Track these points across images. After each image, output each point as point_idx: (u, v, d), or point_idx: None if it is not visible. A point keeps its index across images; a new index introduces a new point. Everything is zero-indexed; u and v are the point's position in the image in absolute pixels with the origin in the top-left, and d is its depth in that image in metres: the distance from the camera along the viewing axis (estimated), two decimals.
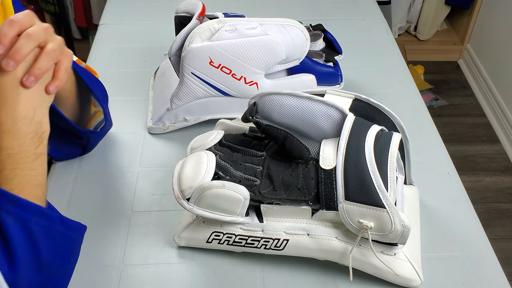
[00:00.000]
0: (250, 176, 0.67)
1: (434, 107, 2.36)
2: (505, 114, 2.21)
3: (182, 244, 0.74)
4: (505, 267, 0.74)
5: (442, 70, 2.60)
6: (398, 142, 0.66)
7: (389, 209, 0.62)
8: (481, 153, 2.15)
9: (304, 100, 0.68)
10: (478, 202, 1.92)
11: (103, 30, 1.23)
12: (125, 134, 0.94)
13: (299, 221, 0.68)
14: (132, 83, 1.05)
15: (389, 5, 2.35)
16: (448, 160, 0.90)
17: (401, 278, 0.67)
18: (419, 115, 1.00)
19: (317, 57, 0.95)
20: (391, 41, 1.22)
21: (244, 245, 0.71)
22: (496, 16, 2.34)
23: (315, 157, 0.67)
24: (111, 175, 0.86)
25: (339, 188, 0.63)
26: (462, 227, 0.78)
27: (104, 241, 0.76)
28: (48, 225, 0.55)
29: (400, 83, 1.08)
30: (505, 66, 2.26)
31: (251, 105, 0.70)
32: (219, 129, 0.77)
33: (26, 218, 0.53)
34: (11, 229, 0.52)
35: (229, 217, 0.67)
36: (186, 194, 0.66)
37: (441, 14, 2.59)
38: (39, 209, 0.55)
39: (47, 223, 0.55)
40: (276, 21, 0.88)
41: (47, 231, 0.55)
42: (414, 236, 0.71)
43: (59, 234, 0.57)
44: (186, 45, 0.84)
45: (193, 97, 0.89)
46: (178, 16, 0.92)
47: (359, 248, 0.67)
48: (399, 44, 1.26)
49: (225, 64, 0.85)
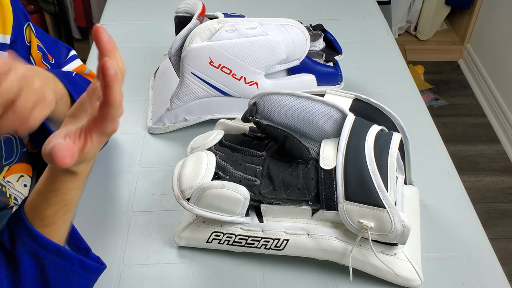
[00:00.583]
0: (250, 176, 0.67)
1: (434, 107, 2.36)
2: (505, 114, 2.21)
3: (182, 244, 0.74)
4: (505, 267, 0.74)
5: (442, 70, 2.60)
6: (398, 142, 0.66)
7: (389, 209, 0.62)
8: (481, 153, 2.15)
9: (304, 100, 0.68)
10: (478, 202, 1.92)
11: None
12: (125, 134, 0.94)
13: (299, 221, 0.68)
14: (132, 83, 1.05)
15: (389, 5, 2.34)
16: (448, 160, 0.90)
17: (401, 278, 0.67)
18: (419, 115, 1.00)
19: (317, 57, 0.95)
20: (391, 41, 1.22)
21: (244, 245, 0.71)
22: (496, 16, 2.34)
23: (315, 157, 0.67)
24: (111, 175, 0.86)
25: (339, 188, 0.63)
26: (462, 227, 0.78)
27: (104, 241, 0.76)
28: (66, 265, 0.56)
29: (400, 83, 1.08)
30: (505, 66, 2.26)
31: (251, 105, 0.70)
32: (219, 129, 0.77)
33: (41, 254, 0.54)
34: (24, 258, 0.53)
35: (229, 217, 0.67)
36: (186, 194, 0.66)
37: (441, 14, 2.59)
38: (57, 248, 0.55)
39: (64, 263, 0.55)
40: (276, 21, 0.88)
41: (63, 270, 0.55)
42: (414, 236, 0.71)
43: (76, 275, 0.57)
44: (186, 45, 0.84)
45: (193, 97, 0.89)
46: (178, 16, 0.92)
47: (359, 248, 0.67)
48: (399, 44, 1.26)
49: (225, 64, 0.85)
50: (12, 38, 0.66)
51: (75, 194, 0.54)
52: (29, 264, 0.54)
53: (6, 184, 0.67)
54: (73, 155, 0.45)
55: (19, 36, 0.68)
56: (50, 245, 0.54)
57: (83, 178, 0.53)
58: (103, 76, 0.43)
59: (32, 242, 0.53)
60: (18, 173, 0.71)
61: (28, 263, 0.53)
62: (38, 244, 0.54)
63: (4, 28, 0.65)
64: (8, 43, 0.66)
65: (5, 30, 0.66)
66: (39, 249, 0.54)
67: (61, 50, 0.82)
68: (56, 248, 0.55)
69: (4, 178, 0.68)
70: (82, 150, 0.47)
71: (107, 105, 0.45)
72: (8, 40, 0.66)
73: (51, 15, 2.33)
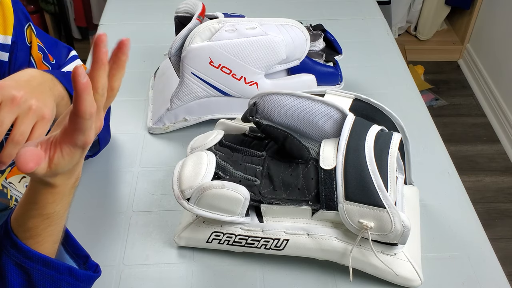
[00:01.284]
0: (250, 176, 0.67)
1: (434, 107, 2.36)
2: (505, 114, 2.21)
3: (182, 244, 0.74)
4: (505, 267, 0.74)
5: (442, 70, 2.60)
6: (398, 142, 0.66)
7: (389, 209, 0.62)
8: (481, 153, 2.15)
9: (304, 100, 0.68)
10: (478, 202, 1.92)
11: (103, 30, 1.23)
12: (125, 134, 0.94)
13: (299, 221, 0.68)
14: (132, 83, 1.05)
15: (389, 5, 2.35)
16: (448, 160, 0.90)
17: (401, 278, 0.67)
18: (419, 115, 1.00)
19: (317, 57, 0.95)
20: (391, 41, 1.22)
21: (244, 245, 0.71)
22: (496, 16, 2.34)
23: (315, 157, 0.67)
24: (111, 175, 0.86)
25: (339, 188, 0.63)
26: (462, 227, 0.78)
27: (104, 241, 0.76)
28: (54, 274, 0.55)
29: (400, 83, 1.08)
30: (505, 66, 2.26)
31: (251, 105, 0.70)
32: (219, 129, 0.77)
33: (26, 264, 0.53)
34: (10, 269, 0.52)
35: (229, 217, 0.67)
36: (186, 194, 0.66)
37: (441, 14, 2.59)
38: (42, 258, 0.54)
39: (52, 272, 0.55)
40: (276, 21, 0.88)
41: (52, 279, 0.55)
42: (414, 236, 0.71)
43: (66, 283, 0.56)
44: (186, 45, 0.84)
45: (193, 97, 0.89)
46: (178, 16, 0.92)
47: (359, 248, 0.67)
48: (399, 44, 1.26)
49: (225, 64, 0.85)
50: (13, 38, 0.66)
51: (58, 208, 0.52)
52: (15, 274, 0.53)
53: (8, 185, 0.67)
54: (38, 161, 0.43)
55: (20, 36, 0.68)
56: (35, 256, 0.53)
57: (63, 192, 0.51)
58: (74, 84, 0.41)
59: (17, 253, 0.53)
60: (20, 174, 0.71)
61: (15, 273, 0.53)
62: (23, 255, 0.53)
63: (5, 28, 0.65)
64: (9, 43, 0.66)
65: (6, 31, 0.65)
66: (24, 260, 0.53)
67: (62, 51, 0.82)
68: (41, 259, 0.53)
69: (6, 179, 0.68)
70: (51, 160, 0.45)
71: (76, 115, 0.42)
72: (9, 40, 0.66)
73: (51, 15, 2.33)
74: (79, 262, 0.60)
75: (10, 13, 0.66)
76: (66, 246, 0.60)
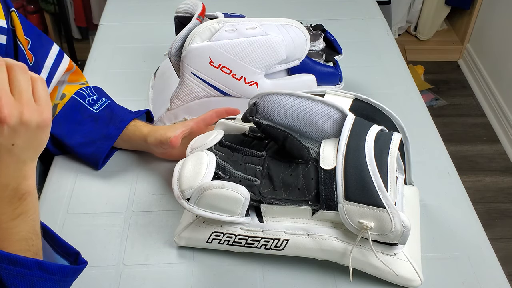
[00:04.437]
0: (250, 176, 0.67)
1: (434, 107, 2.36)
2: (505, 114, 2.21)
3: (182, 244, 0.74)
4: (505, 267, 0.74)
5: (442, 70, 2.60)
6: (398, 142, 0.66)
7: (389, 209, 0.62)
8: (481, 153, 2.15)
9: (304, 100, 0.68)
10: (478, 202, 1.92)
11: (103, 30, 1.23)
12: None
13: (299, 221, 0.68)
14: (132, 83, 1.05)
15: (389, 5, 2.35)
16: (448, 160, 0.90)
17: (401, 278, 0.67)
18: (419, 115, 1.00)
19: (317, 57, 0.95)
20: (391, 41, 1.22)
21: (244, 245, 0.71)
22: (496, 16, 2.34)
23: (315, 157, 0.67)
24: (111, 175, 0.86)
25: (339, 188, 0.63)
26: (462, 227, 0.78)
27: (104, 241, 0.76)
28: (23, 271, 0.54)
29: (400, 83, 1.08)
30: (505, 66, 2.26)
31: (251, 105, 0.70)
32: (219, 129, 0.77)
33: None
34: None
35: (229, 217, 0.67)
36: (186, 194, 0.66)
37: (441, 14, 2.59)
38: (7, 256, 0.53)
39: (20, 270, 0.53)
40: (276, 21, 0.88)
41: (21, 277, 0.53)
42: (414, 236, 0.71)
43: (38, 278, 0.55)
44: (186, 45, 0.84)
45: (193, 97, 0.89)
46: (178, 16, 0.92)
47: (359, 248, 0.67)
48: (399, 44, 1.26)
49: (225, 64, 0.85)
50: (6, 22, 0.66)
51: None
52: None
53: None
54: None
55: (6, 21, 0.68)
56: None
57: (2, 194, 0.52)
58: None
59: None
60: None
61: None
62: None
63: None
64: (6, 27, 0.65)
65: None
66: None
67: (44, 45, 0.83)
68: (6, 257, 0.52)
69: None
70: None
71: None
72: (5, 24, 0.65)
73: (51, 15, 2.33)
74: (71, 260, 0.60)
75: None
76: (55, 247, 0.60)
